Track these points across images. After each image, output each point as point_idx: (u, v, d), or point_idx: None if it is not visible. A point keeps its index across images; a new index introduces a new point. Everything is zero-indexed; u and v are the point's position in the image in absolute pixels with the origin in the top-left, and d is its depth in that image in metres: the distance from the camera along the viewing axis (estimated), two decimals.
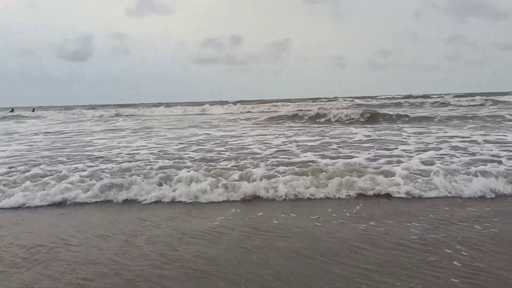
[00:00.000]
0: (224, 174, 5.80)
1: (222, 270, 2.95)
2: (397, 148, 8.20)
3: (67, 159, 8.06)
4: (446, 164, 6.12)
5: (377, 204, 4.62)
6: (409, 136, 10.36)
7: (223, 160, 7.28)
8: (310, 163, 6.53)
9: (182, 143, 10.15)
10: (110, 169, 6.60)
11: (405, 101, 33.18)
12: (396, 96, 45.26)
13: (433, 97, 35.69)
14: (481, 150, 7.56)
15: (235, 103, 40.94)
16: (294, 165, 6.31)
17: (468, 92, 45.33)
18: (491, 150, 7.43)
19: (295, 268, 2.96)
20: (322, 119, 17.02)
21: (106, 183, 5.45)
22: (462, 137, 9.53)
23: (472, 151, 7.40)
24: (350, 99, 42.60)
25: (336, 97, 46.82)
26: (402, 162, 6.49)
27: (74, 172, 6.29)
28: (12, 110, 44.44)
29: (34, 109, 47.72)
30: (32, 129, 18.42)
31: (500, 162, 6.23)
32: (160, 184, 5.48)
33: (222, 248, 3.37)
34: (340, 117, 16.70)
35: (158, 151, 8.75)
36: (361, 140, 9.84)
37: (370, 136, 10.66)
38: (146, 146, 9.94)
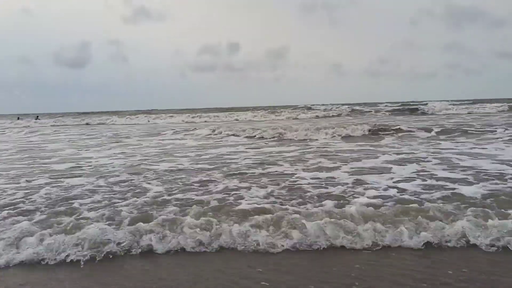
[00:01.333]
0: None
1: None
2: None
3: None
4: None
5: None
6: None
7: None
8: None
9: None
10: None
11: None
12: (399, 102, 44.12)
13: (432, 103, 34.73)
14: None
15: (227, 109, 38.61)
16: None
17: (473, 99, 44.73)
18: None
19: None
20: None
21: None
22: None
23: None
24: (343, 105, 40.83)
25: (332, 104, 45.79)
26: None
27: None
28: (19, 118, 43.49)
29: (38, 116, 46.32)
30: None
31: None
32: None
33: None
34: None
35: None
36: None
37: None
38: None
